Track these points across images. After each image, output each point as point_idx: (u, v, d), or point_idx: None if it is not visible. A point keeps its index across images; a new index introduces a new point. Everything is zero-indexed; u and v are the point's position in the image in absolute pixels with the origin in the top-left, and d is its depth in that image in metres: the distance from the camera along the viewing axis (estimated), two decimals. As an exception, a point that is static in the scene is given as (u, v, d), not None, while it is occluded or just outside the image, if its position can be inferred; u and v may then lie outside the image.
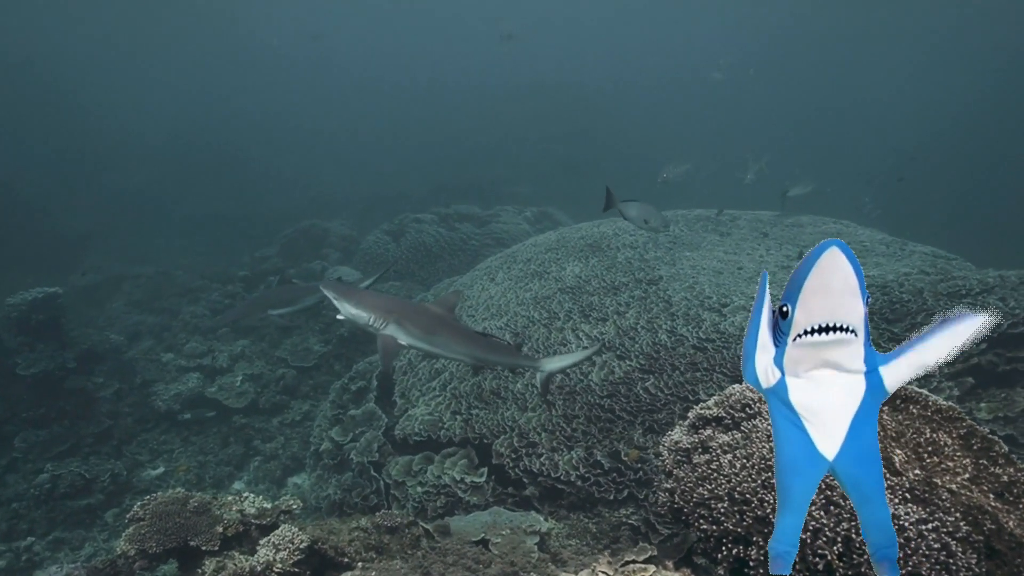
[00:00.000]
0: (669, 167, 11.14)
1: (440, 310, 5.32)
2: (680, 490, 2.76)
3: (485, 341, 5.40)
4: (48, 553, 7.42)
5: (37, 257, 16.87)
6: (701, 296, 7.52)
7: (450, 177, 25.24)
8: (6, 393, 9.09)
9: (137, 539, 3.93)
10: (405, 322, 5.08)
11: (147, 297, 13.78)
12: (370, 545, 3.86)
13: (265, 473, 8.66)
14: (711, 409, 3.07)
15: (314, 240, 15.53)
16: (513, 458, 5.98)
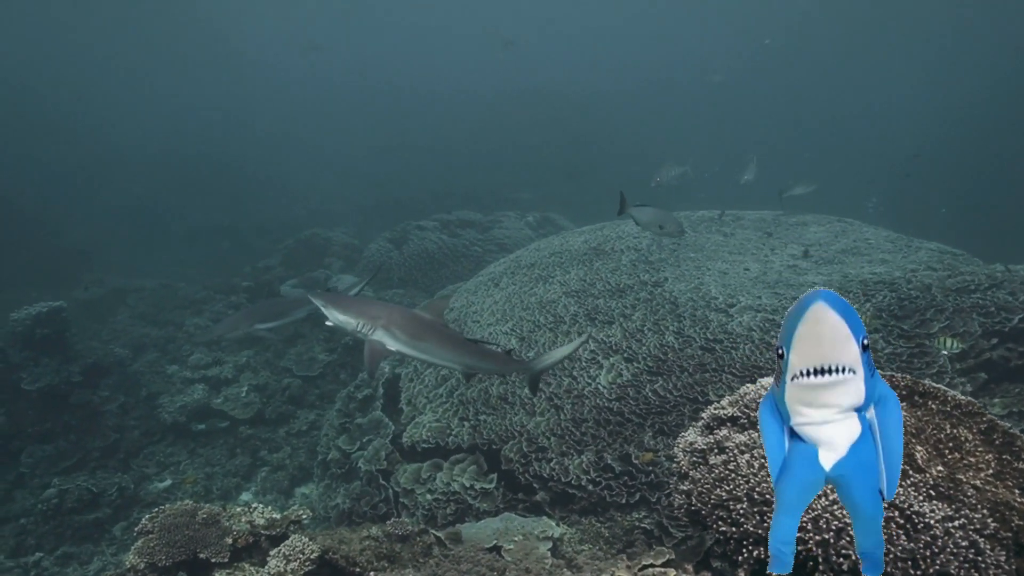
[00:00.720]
0: (663, 171, 11.03)
1: (428, 316, 5.27)
2: (697, 492, 2.72)
3: (474, 347, 5.35)
4: (57, 568, 7.38)
5: (40, 272, 16.88)
6: (707, 297, 7.48)
7: (451, 184, 25.28)
8: (12, 408, 9.07)
9: (146, 552, 3.89)
10: (393, 328, 5.06)
11: (151, 310, 13.76)
12: (381, 554, 3.82)
13: (273, 483, 8.61)
14: (725, 409, 3.03)
15: (316, 249, 15.52)
16: (523, 463, 5.93)
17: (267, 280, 14.09)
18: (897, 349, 6.08)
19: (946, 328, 6.10)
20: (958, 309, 6.31)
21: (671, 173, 10.96)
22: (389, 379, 8.54)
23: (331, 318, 5.10)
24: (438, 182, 26.57)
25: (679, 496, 2.83)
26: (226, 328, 8.65)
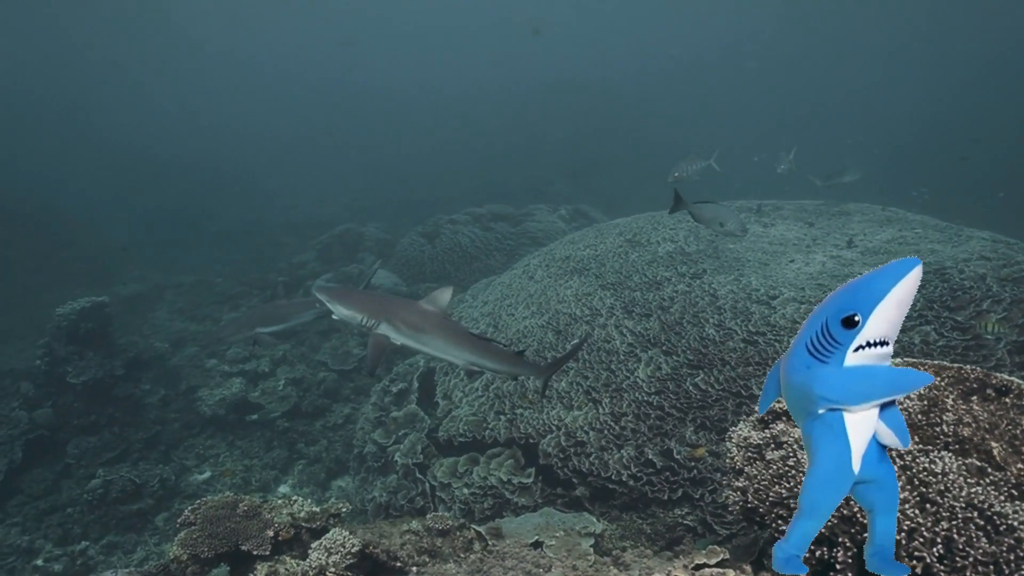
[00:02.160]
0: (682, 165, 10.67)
1: (432, 308, 5.16)
2: (754, 488, 2.60)
3: (480, 344, 5.19)
4: (102, 557, 7.53)
5: (83, 269, 17.33)
6: (748, 289, 7.29)
7: (481, 178, 25.26)
8: (58, 401, 9.29)
9: (189, 544, 3.90)
10: (397, 321, 5.02)
11: (189, 305, 14.01)
12: (423, 548, 3.77)
13: (309, 476, 8.67)
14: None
15: (350, 245, 15.61)
16: (561, 458, 5.84)
17: (302, 276, 14.22)
18: (951, 341, 5.84)
19: (1004, 319, 5.83)
20: (1016, 299, 6.03)
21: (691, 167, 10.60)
22: (424, 373, 8.52)
23: (336, 312, 5.10)
24: (468, 177, 26.58)
25: (734, 493, 2.71)
26: (228, 332, 8.55)
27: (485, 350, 5.15)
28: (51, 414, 9.18)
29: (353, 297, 5.32)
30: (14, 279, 16.63)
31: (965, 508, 2.16)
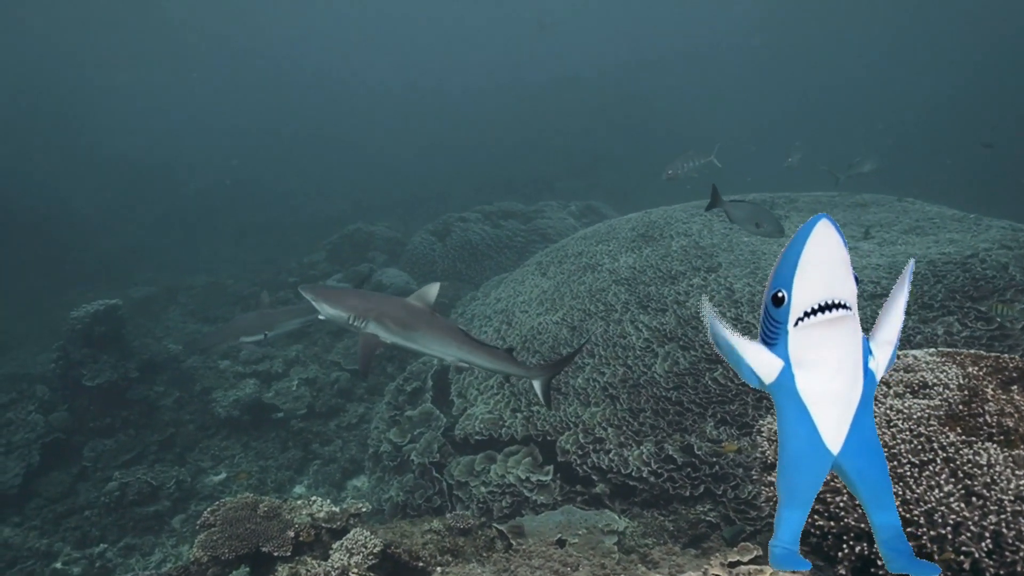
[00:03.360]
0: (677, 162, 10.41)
1: (421, 305, 5.10)
2: (788, 483, 2.53)
3: (471, 342, 5.11)
4: (120, 559, 7.54)
5: (95, 272, 17.41)
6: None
7: (490, 176, 25.20)
8: (74, 404, 9.31)
9: (209, 545, 3.87)
10: (386, 319, 4.95)
11: (201, 306, 14.04)
12: (445, 548, 3.72)
13: (325, 477, 8.65)
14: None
15: (360, 244, 15.58)
16: (580, 455, 5.78)
17: (313, 275, 14.22)
18: (975, 332, 5.74)
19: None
20: (1041, 288, 5.92)
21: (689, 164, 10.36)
22: (438, 371, 8.48)
23: (322, 312, 5.02)
24: (477, 175, 26.54)
25: (766, 488, 2.64)
26: (212, 342, 8.49)
27: (475, 347, 5.09)
28: (67, 417, 9.20)
29: (339, 296, 5.24)
30: (27, 284, 16.72)
31: (1014, 501, 2.08)
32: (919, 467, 2.29)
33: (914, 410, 2.44)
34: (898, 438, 2.36)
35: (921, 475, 2.26)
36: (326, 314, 5.00)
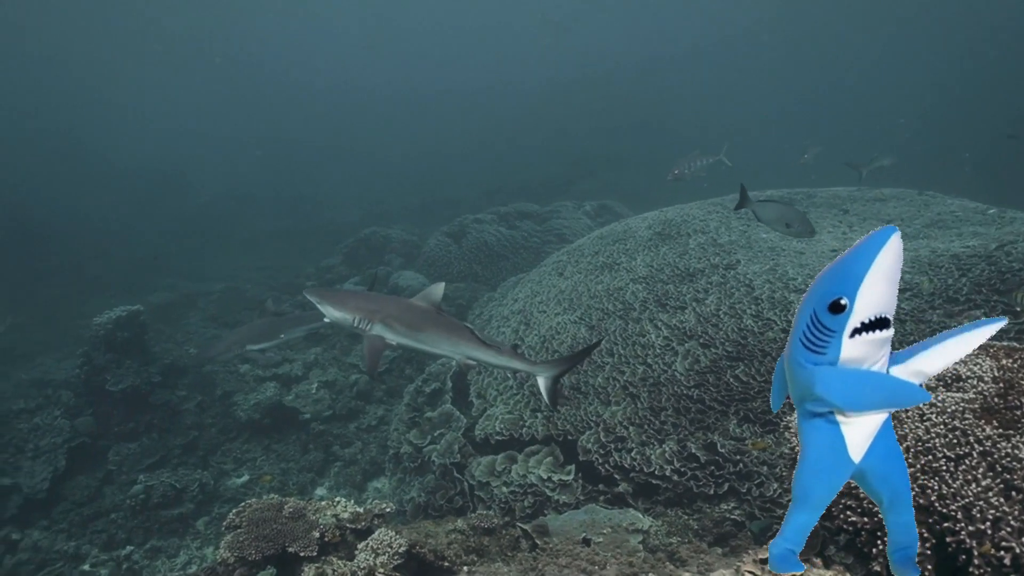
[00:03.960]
0: (682, 162, 10.23)
1: (426, 305, 5.11)
2: (819, 479, 2.50)
3: (474, 338, 5.09)
4: (146, 561, 7.61)
5: (116, 280, 17.64)
6: (785, 278, 7.13)
7: (503, 178, 25.23)
8: (98, 409, 9.42)
9: (236, 546, 3.90)
10: (391, 321, 4.96)
11: (220, 312, 14.16)
12: (470, 548, 3.72)
13: (346, 478, 8.69)
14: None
15: (375, 247, 15.66)
16: (602, 454, 5.76)
17: (330, 279, 14.31)
18: (1004, 326, 5.64)
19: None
20: (1070, 280, 5.81)
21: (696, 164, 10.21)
22: (457, 372, 8.49)
23: (327, 315, 5.04)
24: (489, 178, 26.57)
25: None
26: (218, 351, 8.45)
27: (480, 344, 5.09)
28: (92, 422, 9.32)
29: (344, 298, 5.26)
30: (50, 292, 16.98)
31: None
32: (955, 461, 2.25)
33: (948, 403, 2.40)
34: (932, 432, 2.33)
35: (957, 469, 2.23)
36: (331, 317, 5.04)
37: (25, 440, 9.07)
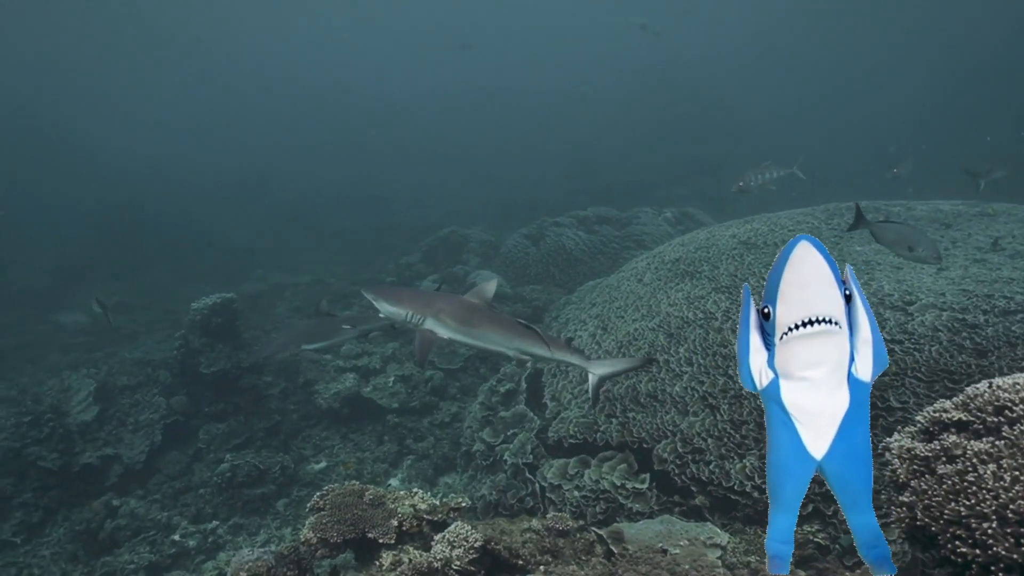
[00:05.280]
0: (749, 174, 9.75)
1: (477, 301, 5.23)
2: (923, 505, 2.37)
3: (527, 333, 5.19)
4: (229, 537, 8.01)
5: (213, 269, 18.70)
6: (880, 294, 6.78)
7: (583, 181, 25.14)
8: (192, 390, 10.00)
9: (319, 528, 4.05)
10: (443, 316, 5.11)
11: (305, 303, 14.76)
12: (544, 548, 3.73)
13: (418, 471, 8.86)
14: (950, 412, 2.63)
15: (454, 246, 15.92)
16: (678, 464, 5.64)
17: (409, 276, 14.65)
18: None
19: None
20: None
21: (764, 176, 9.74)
22: (531, 374, 8.52)
23: (382, 310, 5.24)
24: (570, 180, 26.54)
25: (897, 509, 2.49)
26: (274, 349, 8.57)
27: (534, 338, 5.18)
28: (186, 401, 9.90)
29: (398, 294, 5.44)
30: (155, 277, 18.21)
31: None
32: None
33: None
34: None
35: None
36: (385, 312, 5.25)
37: (127, 414, 9.74)
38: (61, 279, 18.48)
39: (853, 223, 6.05)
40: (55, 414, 9.16)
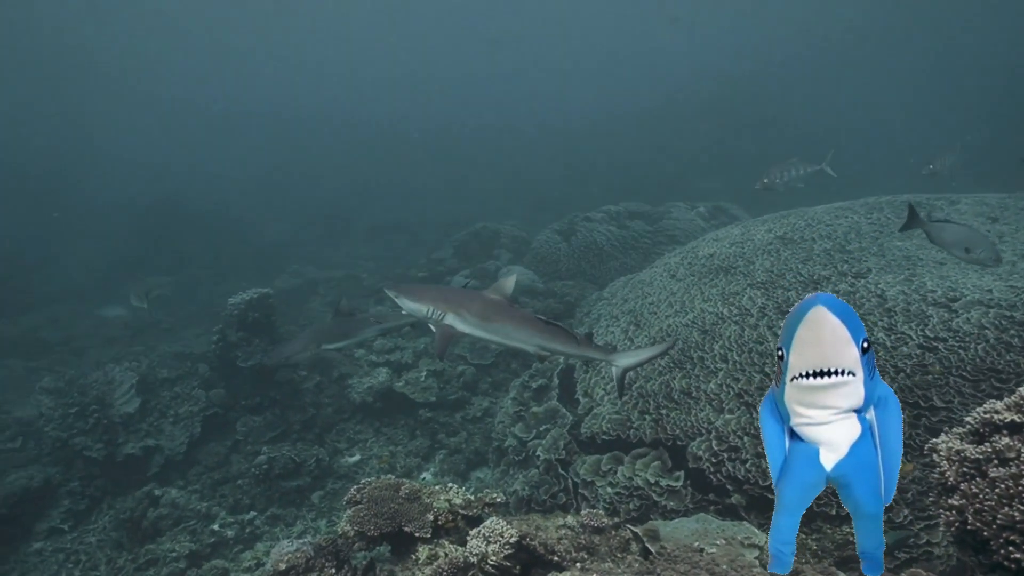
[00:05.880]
0: (774, 170, 9.47)
1: (497, 297, 5.33)
2: (974, 509, 2.30)
3: (548, 329, 5.24)
4: (267, 527, 8.18)
5: (249, 264, 19.05)
6: (923, 290, 6.60)
7: (615, 176, 24.95)
8: (230, 383, 10.20)
9: (357, 521, 4.11)
10: (462, 311, 5.23)
11: (338, 298, 14.92)
12: (580, 545, 3.72)
13: (450, 466, 8.92)
14: (1002, 414, 2.55)
15: (486, 242, 15.95)
16: (713, 463, 5.58)
17: (440, 272, 14.72)
18: None
19: None
20: None
21: (790, 174, 9.46)
22: (563, 369, 8.51)
23: (403, 307, 5.39)
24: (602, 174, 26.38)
25: (947, 512, 2.42)
26: (294, 349, 8.62)
27: (553, 334, 5.24)
28: (224, 394, 10.10)
29: (419, 291, 5.57)
30: (193, 272, 18.62)
31: None
32: None
33: None
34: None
35: None
36: (407, 308, 5.40)
37: (167, 407, 9.98)
38: (104, 275, 19.03)
39: (906, 223, 5.85)
40: (100, 405, 9.43)
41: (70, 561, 7.90)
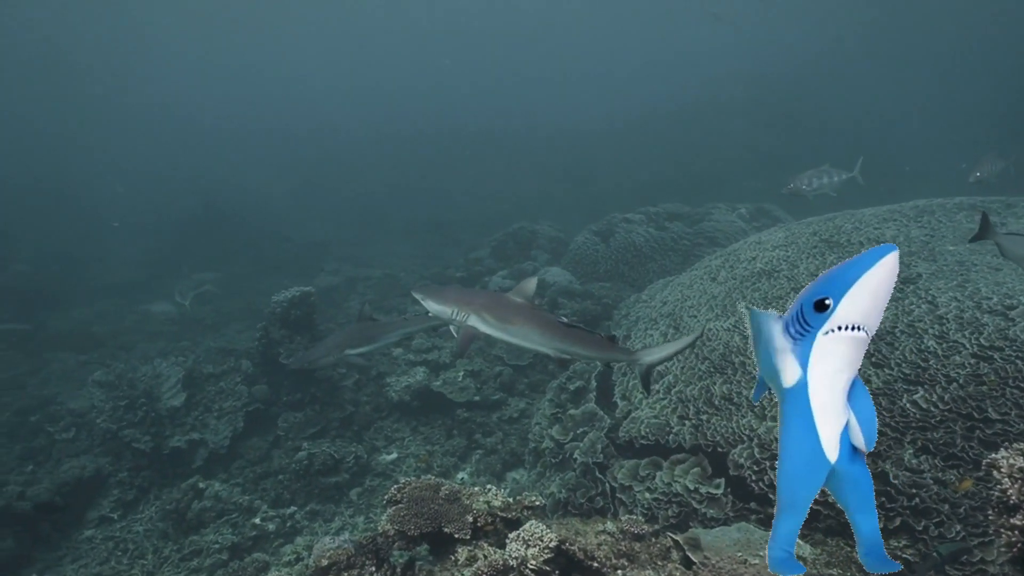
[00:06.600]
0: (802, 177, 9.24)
1: (520, 299, 5.36)
2: (1039, 530, 2.21)
3: (569, 332, 5.21)
4: (306, 522, 8.32)
5: (290, 262, 19.42)
6: (977, 296, 6.38)
7: (652, 175, 24.72)
8: (272, 380, 10.41)
9: (397, 520, 4.14)
10: (484, 313, 5.30)
11: (377, 296, 15.13)
12: (620, 552, 3.70)
13: (486, 466, 8.95)
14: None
15: (523, 242, 15.95)
16: (756, 471, 5.48)
17: (477, 271, 14.78)
18: None
19: None
20: None
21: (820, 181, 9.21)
22: (601, 372, 8.46)
23: (428, 308, 5.53)
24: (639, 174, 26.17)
25: (1008, 532, 2.33)
26: (318, 355, 8.66)
27: (575, 338, 5.22)
28: (266, 390, 10.31)
29: (443, 293, 5.66)
30: (237, 270, 19.06)
31: None
32: None
33: None
34: None
35: None
36: (432, 310, 5.53)
37: (212, 401, 10.24)
38: (151, 271, 19.64)
39: (977, 233, 5.60)
40: (148, 399, 9.72)
41: (119, 549, 8.15)
